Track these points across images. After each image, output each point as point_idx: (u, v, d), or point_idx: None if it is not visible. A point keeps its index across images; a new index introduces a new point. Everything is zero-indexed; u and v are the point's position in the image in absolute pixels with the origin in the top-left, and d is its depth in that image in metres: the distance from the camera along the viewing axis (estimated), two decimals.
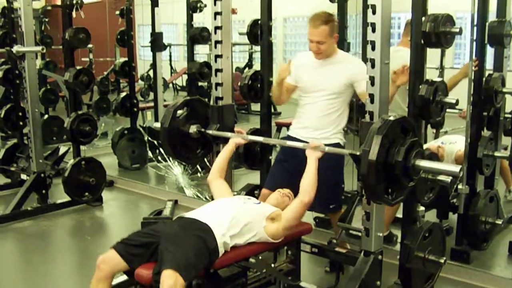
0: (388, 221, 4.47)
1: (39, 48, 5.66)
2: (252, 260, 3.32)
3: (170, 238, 3.07)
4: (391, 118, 2.96)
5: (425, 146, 3.70)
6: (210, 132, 4.03)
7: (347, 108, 4.04)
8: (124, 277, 3.48)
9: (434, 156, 3.86)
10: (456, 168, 2.95)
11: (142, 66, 11.17)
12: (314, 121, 3.98)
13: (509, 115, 5.07)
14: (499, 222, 4.56)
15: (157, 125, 4.10)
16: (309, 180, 3.39)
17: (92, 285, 3.14)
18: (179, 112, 4.00)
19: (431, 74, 4.70)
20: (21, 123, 6.40)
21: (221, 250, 3.14)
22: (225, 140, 4.09)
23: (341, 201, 4.28)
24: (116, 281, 3.86)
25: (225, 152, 3.87)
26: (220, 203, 3.50)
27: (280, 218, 3.38)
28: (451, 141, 5.22)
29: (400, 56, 3.93)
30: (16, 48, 5.46)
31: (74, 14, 5.75)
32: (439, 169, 3.11)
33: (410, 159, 2.95)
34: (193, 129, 4.02)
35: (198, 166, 6.66)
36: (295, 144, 3.69)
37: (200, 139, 4.11)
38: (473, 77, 4.31)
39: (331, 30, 3.83)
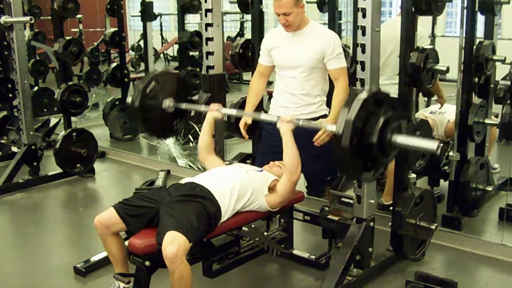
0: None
1: (27, 18, 5.56)
2: (245, 228, 3.33)
3: (170, 203, 3.08)
4: (363, 95, 2.73)
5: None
6: (183, 106, 3.82)
7: (326, 78, 3.86)
8: None
9: (425, 124, 3.88)
10: (433, 145, 2.74)
11: (133, 36, 11.05)
12: (295, 99, 3.81)
13: (504, 84, 5.00)
14: (490, 188, 4.60)
15: None
16: (292, 157, 3.36)
17: (103, 245, 3.20)
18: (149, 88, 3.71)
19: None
20: (10, 95, 6.36)
21: (223, 218, 3.17)
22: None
23: (336, 169, 4.26)
24: None
25: (206, 128, 3.77)
26: (224, 171, 3.49)
27: (276, 189, 3.41)
28: (440, 111, 5.21)
29: None
30: (3, 19, 5.37)
31: None
32: (416, 146, 2.91)
33: (385, 136, 2.75)
34: (166, 103, 3.76)
35: (190, 136, 6.64)
36: (268, 117, 3.64)
37: (174, 112, 3.86)
38: (464, 45, 4.30)
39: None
